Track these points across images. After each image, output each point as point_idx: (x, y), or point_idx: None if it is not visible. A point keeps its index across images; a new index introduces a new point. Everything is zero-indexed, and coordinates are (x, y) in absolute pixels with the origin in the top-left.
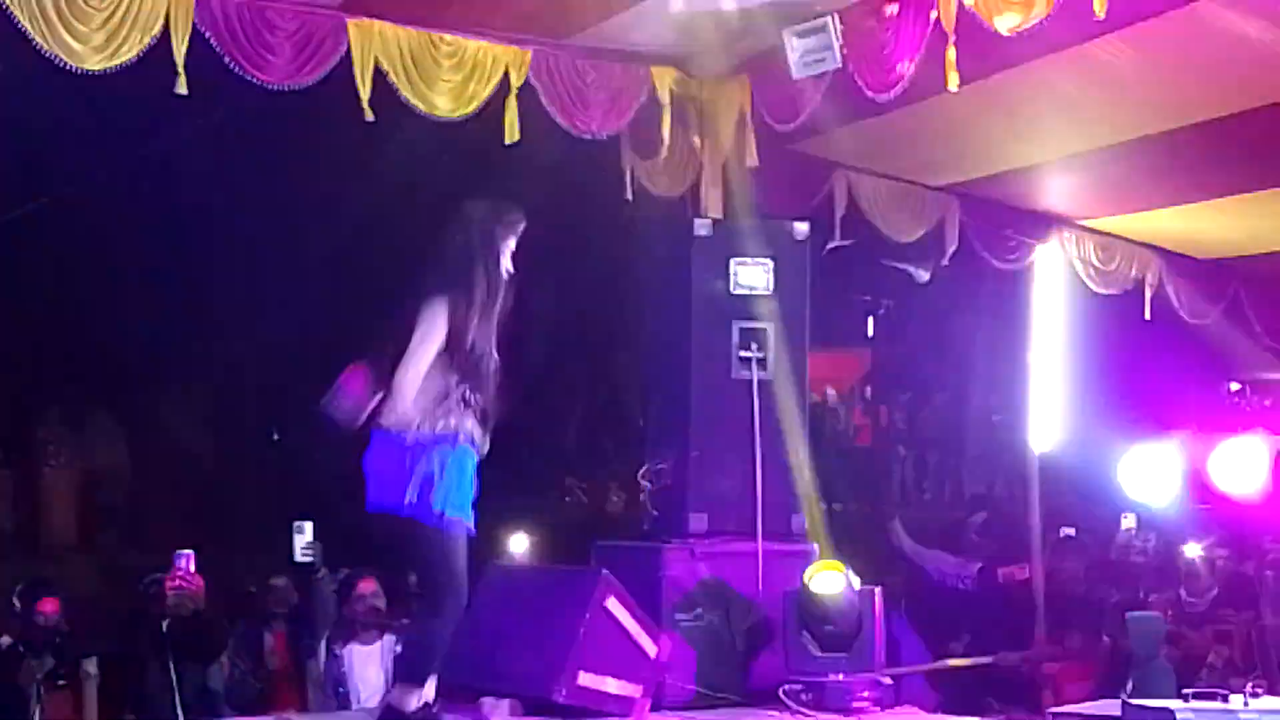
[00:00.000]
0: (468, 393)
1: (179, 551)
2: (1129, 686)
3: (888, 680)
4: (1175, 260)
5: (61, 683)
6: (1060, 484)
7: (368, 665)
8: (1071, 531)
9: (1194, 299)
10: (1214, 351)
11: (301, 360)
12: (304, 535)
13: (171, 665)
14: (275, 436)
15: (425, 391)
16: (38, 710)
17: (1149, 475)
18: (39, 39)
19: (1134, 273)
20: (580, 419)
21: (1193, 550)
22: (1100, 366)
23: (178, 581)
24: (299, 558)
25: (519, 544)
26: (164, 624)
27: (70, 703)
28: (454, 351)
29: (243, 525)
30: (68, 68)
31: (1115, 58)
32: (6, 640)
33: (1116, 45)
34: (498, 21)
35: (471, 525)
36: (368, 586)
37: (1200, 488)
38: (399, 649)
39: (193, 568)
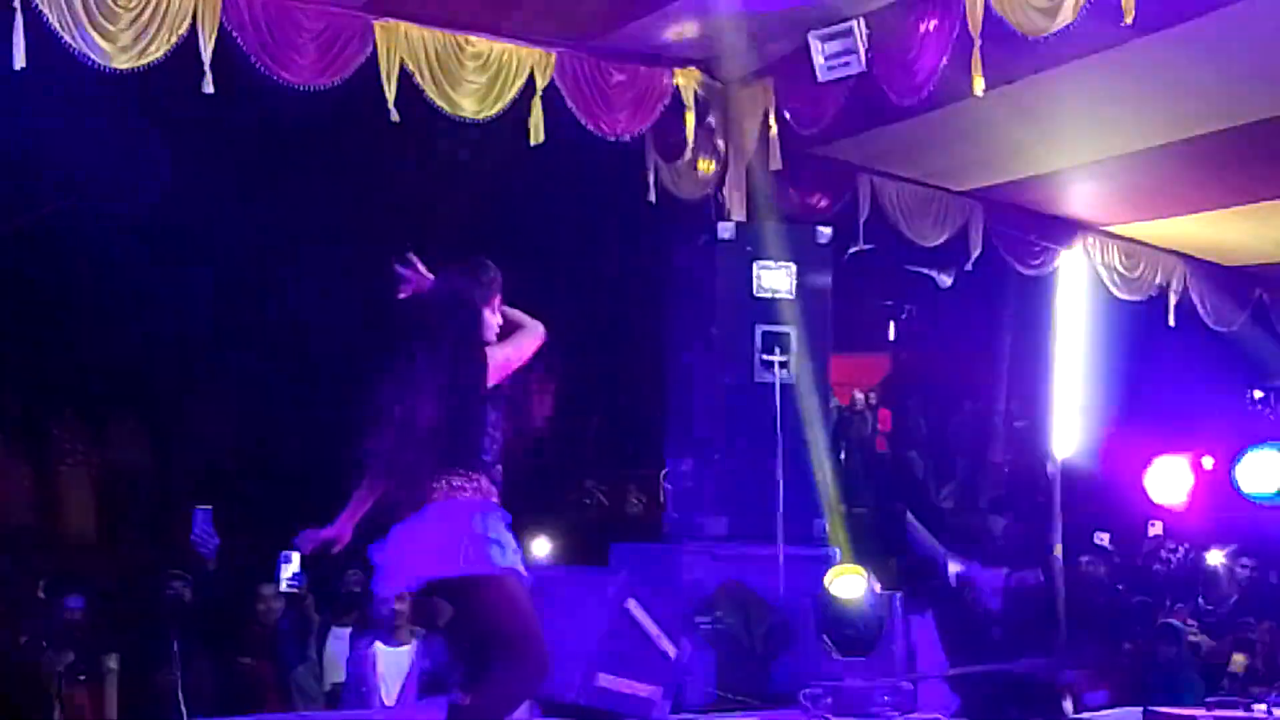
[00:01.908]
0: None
1: (198, 508)
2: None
3: (907, 685)
4: (1200, 267)
5: (82, 677)
6: (1082, 490)
7: (393, 666)
8: (1105, 538)
9: (1219, 306)
10: (1238, 358)
11: (328, 360)
12: (291, 565)
13: (180, 662)
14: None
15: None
16: (58, 705)
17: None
18: (68, 38)
19: (1159, 279)
20: (601, 421)
21: (1215, 558)
22: (1124, 373)
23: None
24: (285, 588)
25: (539, 546)
26: (178, 621)
27: (90, 697)
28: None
29: (263, 524)
30: (95, 67)
31: (1141, 64)
32: (25, 637)
33: (1142, 51)
34: (522, 23)
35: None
36: None
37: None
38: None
39: (210, 525)
